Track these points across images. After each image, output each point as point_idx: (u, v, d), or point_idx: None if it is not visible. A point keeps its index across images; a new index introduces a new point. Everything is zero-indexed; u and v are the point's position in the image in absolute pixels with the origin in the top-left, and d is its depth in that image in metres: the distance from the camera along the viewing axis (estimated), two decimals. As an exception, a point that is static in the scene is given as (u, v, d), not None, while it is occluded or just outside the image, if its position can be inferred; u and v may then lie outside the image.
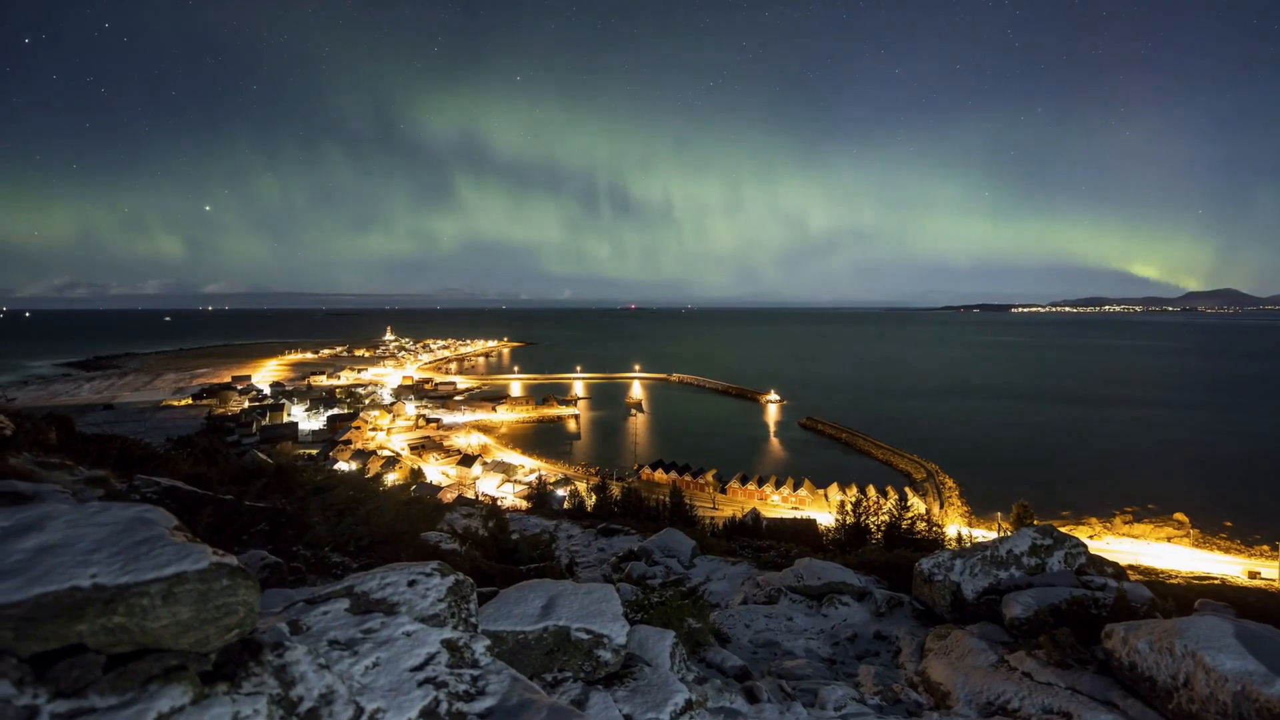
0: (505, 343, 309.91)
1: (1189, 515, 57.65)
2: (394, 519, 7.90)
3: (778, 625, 6.87)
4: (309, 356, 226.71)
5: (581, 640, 3.88)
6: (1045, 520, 55.66)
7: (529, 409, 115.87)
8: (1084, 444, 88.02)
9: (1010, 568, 5.75)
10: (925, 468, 73.77)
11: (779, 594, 7.69)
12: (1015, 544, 5.89)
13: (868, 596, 7.09)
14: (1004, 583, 5.65)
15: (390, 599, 2.91)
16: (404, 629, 2.70)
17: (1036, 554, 5.85)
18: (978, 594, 5.63)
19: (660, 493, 30.00)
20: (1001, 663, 4.87)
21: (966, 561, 5.84)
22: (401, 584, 3.01)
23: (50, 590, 1.92)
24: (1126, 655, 4.24)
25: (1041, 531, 6.00)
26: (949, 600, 5.79)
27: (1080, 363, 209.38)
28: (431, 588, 3.04)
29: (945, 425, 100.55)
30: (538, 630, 3.86)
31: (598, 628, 3.96)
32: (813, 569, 7.65)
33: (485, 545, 8.49)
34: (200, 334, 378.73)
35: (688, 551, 10.39)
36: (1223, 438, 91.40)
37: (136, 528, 2.31)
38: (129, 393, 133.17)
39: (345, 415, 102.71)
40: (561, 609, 4.13)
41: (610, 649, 3.89)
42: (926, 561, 6.01)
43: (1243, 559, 54.16)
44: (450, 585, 3.15)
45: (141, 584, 1.98)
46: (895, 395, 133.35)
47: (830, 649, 6.33)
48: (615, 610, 4.23)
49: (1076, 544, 5.95)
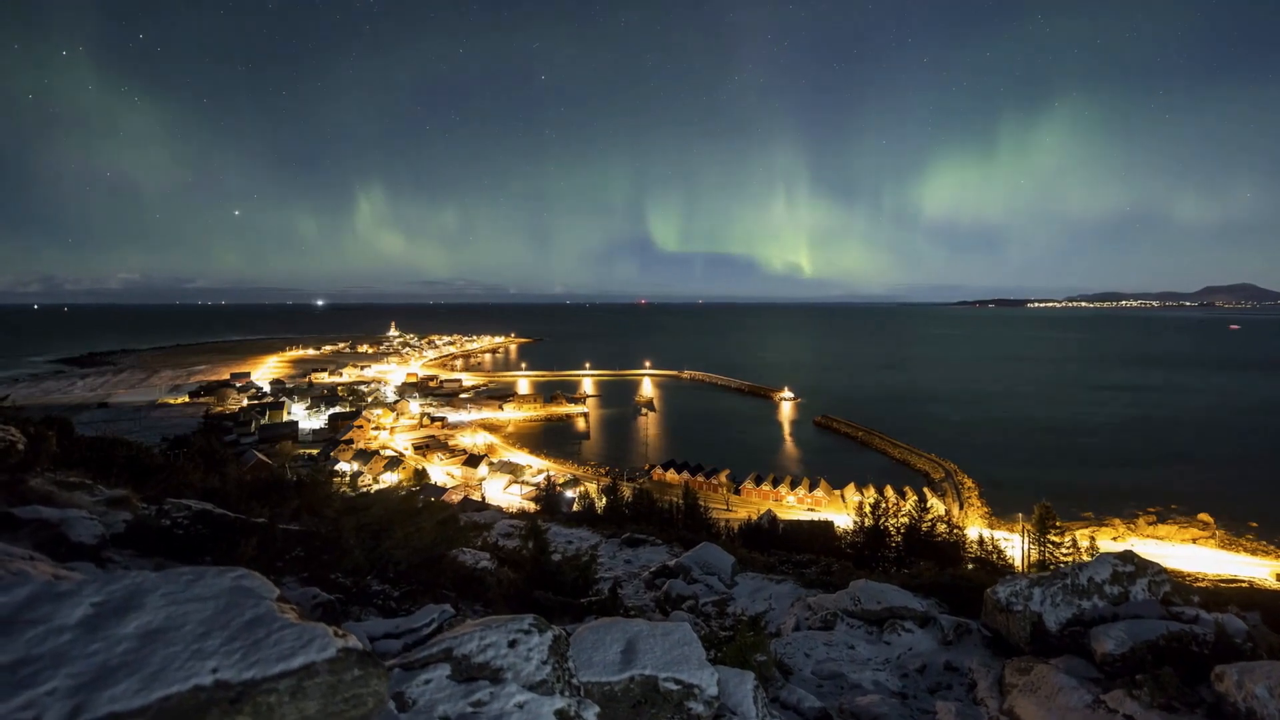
0: (512, 338, 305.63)
1: (1213, 515, 56.58)
2: (432, 541, 7.73)
3: (839, 654, 6.63)
4: (310, 352, 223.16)
5: (671, 691, 3.67)
6: (1066, 522, 54.92)
7: (536, 407, 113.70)
8: (1104, 442, 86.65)
9: (1093, 597, 5.48)
10: (943, 466, 72.83)
11: (835, 618, 7.45)
12: (1096, 571, 5.61)
13: (931, 623, 6.83)
14: (1087, 613, 5.38)
15: (494, 664, 2.71)
16: (515, 699, 2.51)
17: (1119, 582, 5.57)
18: (1061, 625, 5.36)
19: (673, 494, 29.73)
20: (1098, 703, 4.60)
21: (1046, 590, 5.57)
22: (503, 645, 2.82)
23: (174, 692, 1.72)
24: (1244, 701, 3.96)
25: (1122, 558, 5.72)
26: (1028, 631, 5.53)
27: (1098, 360, 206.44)
28: (534, 647, 2.85)
29: (962, 422, 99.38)
30: (624, 681, 3.65)
31: (686, 677, 3.74)
32: (870, 592, 7.40)
33: (525, 567, 8.31)
34: (198, 330, 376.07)
35: (728, 568, 10.17)
36: (1244, 435, 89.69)
37: (242, 602, 2.12)
38: (124, 390, 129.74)
39: (347, 414, 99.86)
40: (644, 655, 3.92)
41: (702, 700, 3.68)
42: (1003, 589, 5.74)
43: (1270, 560, 53.05)
44: (550, 644, 2.95)
45: (269, 679, 1.79)
46: (911, 392, 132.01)
47: (900, 682, 6.08)
48: (700, 656, 4.01)
49: (1159, 571, 5.67)
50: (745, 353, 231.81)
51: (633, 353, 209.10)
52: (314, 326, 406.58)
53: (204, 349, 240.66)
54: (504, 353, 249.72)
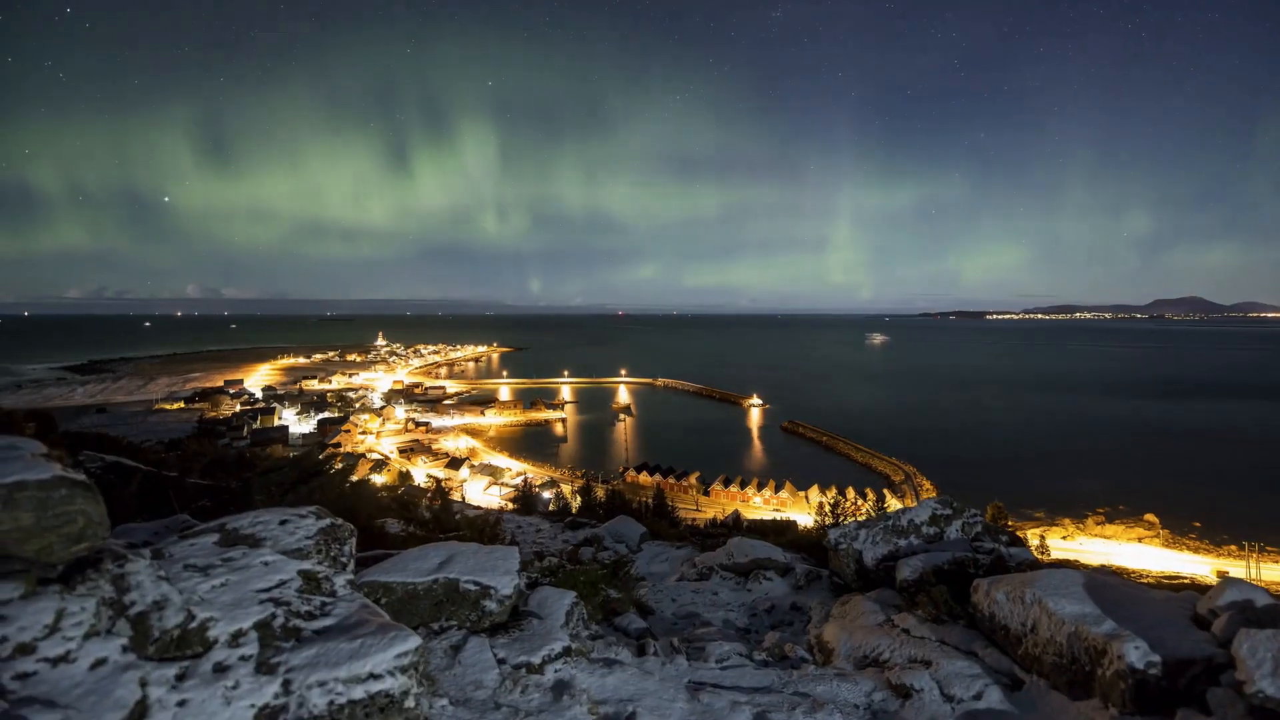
0: (495, 348, 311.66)
1: (1159, 516, 58.85)
2: (336, 498, 8.05)
3: (703, 599, 7.12)
4: (301, 361, 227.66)
5: (469, 591, 4.10)
6: (1019, 522, 56.26)
7: (517, 413, 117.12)
8: (1059, 445, 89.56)
9: (910, 536, 6.05)
10: (903, 469, 74.69)
11: (711, 571, 7.95)
12: (916, 514, 6.19)
13: (790, 572, 7.37)
14: (902, 550, 5.95)
15: (258, 535, 3.12)
16: (263, 558, 2.91)
17: (936, 523, 6.15)
18: (877, 561, 5.92)
19: (644, 495, 30.18)
20: (887, 621, 5.16)
21: (870, 531, 6.13)
22: (273, 523, 3.22)
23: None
24: (988, 606, 4.53)
25: (942, 502, 6.31)
26: (853, 568, 6.08)
27: (1055, 365, 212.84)
28: (302, 527, 3.25)
29: (923, 428, 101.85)
30: (428, 582, 4.08)
31: (486, 580, 4.18)
32: (742, 547, 7.92)
33: (429, 525, 8.66)
34: (192, 339, 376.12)
35: (635, 537, 10.64)
36: (1189, 437, 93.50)
37: (3, 451, 2.51)
38: (122, 396, 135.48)
39: (336, 419, 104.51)
40: (457, 564, 4.35)
41: (496, 599, 4.11)
42: (834, 532, 6.30)
43: (1211, 559, 55.33)
44: (323, 527, 3.36)
45: (-18, 488, 2.19)
46: (876, 399, 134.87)
47: (748, 620, 6.59)
48: (510, 567, 4.45)
49: (975, 514, 6.27)
50: (713, 361, 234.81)
51: (609, 362, 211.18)
52: (307, 336, 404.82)
53: (199, 357, 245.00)
54: (486, 361, 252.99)
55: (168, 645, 2.28)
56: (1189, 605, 4.09)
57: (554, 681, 3.65)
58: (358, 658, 2.41)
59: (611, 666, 4.09)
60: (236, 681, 2.22)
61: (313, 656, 2.39)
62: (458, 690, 3.33)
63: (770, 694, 4.08)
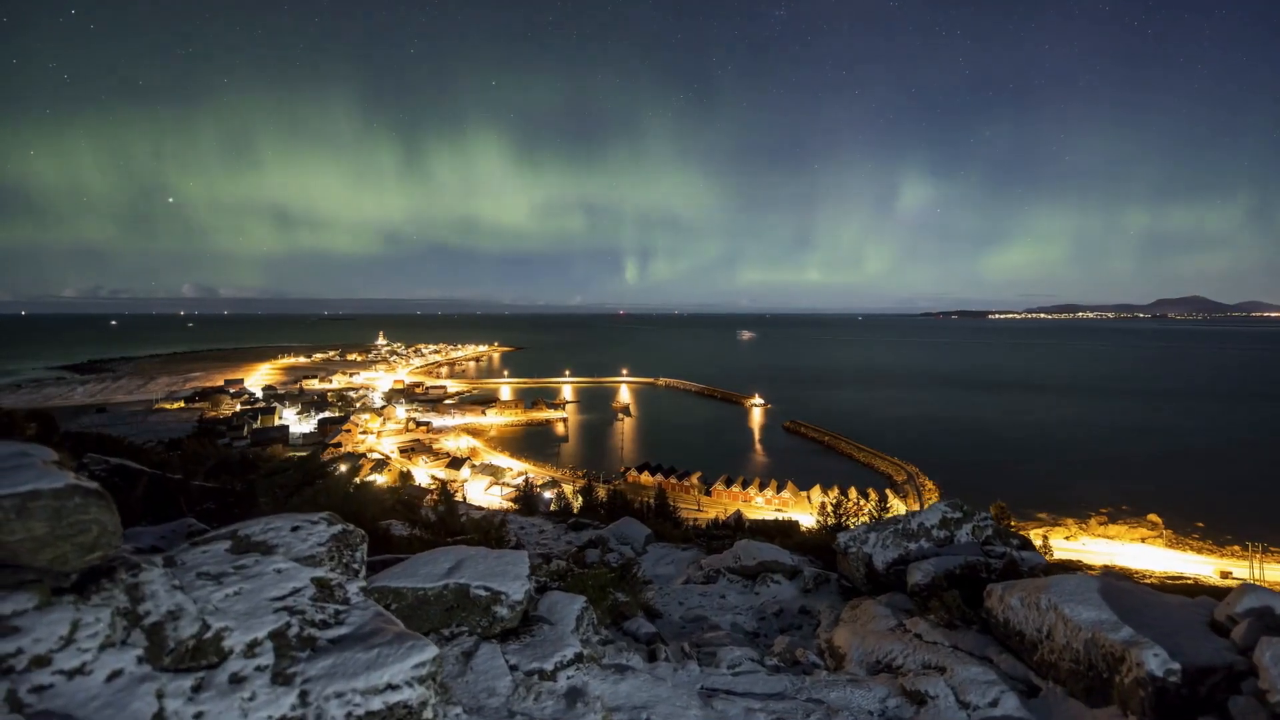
0: (496, 347, 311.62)
1: (1162, 516, 58.73)
2: (341, 500, 8.04)
3: (710, 602, 7.09)
4: (302, 360, 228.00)
5: (480, 597, 4.07)
6: (1022, 523, 56.16)
7: (518, 412, 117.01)
8: (1061, 445, 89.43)
9: (920, 540, 6.02)
10: (906, 469, 74.60)
11: (718, 574, 7.92)
12: (926, 517, 6.15)
13: (798, 575, 7.33)
14: (913, 554, 5.91)
15: (270, 541, 3.09)
16: (275, 566, 2.88)
17: (946, 526, 6.12)
18: (888, 565, 5.88)
19: (646, 495, 30.14)
20: (899, 626, 5.12)
21: (880, 534, 6.09)
22: (285, 529, 3.19)
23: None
24: (1002, 612, 4.50)
25: (952, 505, 6.28)
26: (863, 572, 6.04)
27: (1055, 365, 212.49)
28: (314, 533, 3.23)
29: (927, 428, 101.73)
30: (438, 587, 4.05)
31: (497, 585, 4.15)
32: (749, 550, 7.88)
33: (434, 528, 8.64)
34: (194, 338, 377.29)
35: (641, 539, 10.61)
36: (1192, 438, 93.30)
37: (14, 459, 2.49)
38: (122, 395, 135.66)
39: (336, 418, 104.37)
40: (467, 570, 4.32)
41: (507, 605, 4.08)
42: (844, 535, 6.26)
43: (1215, 559, 55.22)
44: (335, 533, 3.33)
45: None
46: (877, 399, 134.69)
47: (756, 623, 6.56)
48: (520, 572, 4.42)
49: (985, 517, 6.23)
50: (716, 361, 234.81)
51: (611, 362, 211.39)
52: (307, 336, 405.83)
53: (200, 357, 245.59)
54: (487, 361, 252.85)
55: (183, 656, 2.25)
56: (1206, 611, 4.05)
57: (567, 689, 3.62)
58: (375, 668, 2.38)
59: (624, 673, 4.06)
60: (253, 693, 2.19)
61: (329, 667, 2.36)
62: (471, 699, 3.30)
63: (784, 700, 4.05)
